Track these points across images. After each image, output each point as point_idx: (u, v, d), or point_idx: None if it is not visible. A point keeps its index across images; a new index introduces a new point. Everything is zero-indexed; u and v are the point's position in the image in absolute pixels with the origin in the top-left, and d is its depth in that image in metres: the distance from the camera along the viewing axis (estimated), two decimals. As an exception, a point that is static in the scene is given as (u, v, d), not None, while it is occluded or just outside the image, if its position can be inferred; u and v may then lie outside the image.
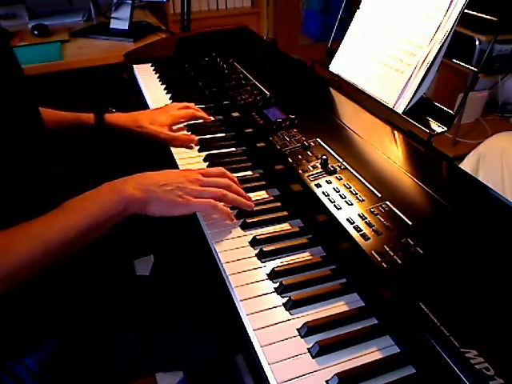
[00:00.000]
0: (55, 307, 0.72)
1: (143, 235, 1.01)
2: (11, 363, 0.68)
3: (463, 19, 0.81)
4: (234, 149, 0.95)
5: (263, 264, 0.65)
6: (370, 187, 0.69)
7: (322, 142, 0.82)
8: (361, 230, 0.61)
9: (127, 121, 0.99)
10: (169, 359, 0.80)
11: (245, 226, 0.72)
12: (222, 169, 0.77)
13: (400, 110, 0.88)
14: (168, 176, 0.71)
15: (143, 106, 1.18)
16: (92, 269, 0.81)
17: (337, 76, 1.06)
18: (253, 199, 0.77)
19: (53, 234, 0.60)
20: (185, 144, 0.96)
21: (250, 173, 0.87)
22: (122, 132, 0.99)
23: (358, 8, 1.04)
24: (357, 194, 0.68)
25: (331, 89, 1.07)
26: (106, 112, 1.00)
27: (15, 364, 0.68)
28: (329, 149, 0.80)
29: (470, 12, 0.81)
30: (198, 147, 0.95)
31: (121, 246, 0.94)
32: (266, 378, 0.50)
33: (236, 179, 0.77)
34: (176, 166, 0.89)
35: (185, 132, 1.02)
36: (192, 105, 1.08)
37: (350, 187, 0.70)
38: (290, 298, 0.58)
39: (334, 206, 0.67)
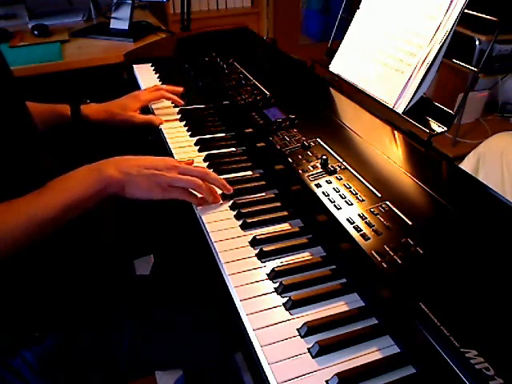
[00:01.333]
0: (55, 304, 0.72)
1: (143, 235, 1.01)
2: (9, 357, 0.68)
3: (463, 19, 0.81)
4: (233, 149, 0.95)
5: (263, 264, 0.65)
6: (370, 187, 0.69)
7: (321, 142, 0.82)
8: (361, 230, 0.61)
9: (100, 112, 1.02)
10: (169, 359, 0.80)
11: (245, 226, 0.72)
12: (201, 168, 0.80)
13: (400, 110, 0.88)
14: (147, 160, 0.73)
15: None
16: (92, 268, 0.81)
17: (337, 76, 1.06)
18: (252, 199, 0.78)
19: (37, 210, 0.63)
20: (156, 124, 1.04)
21: (249, 173, 0.87)
22: (96, 123, 1.02)
23: (358, 8, 1.04)
24: (357, 194, 0.68)
25: (331, 89, 1.07)
26: (81, 103, 1.02)
27: (13, 358, 0.68)
28: (329, 149, 0.80)
29: (470, 12, 0.81)
30: (197, 147, 0.95)
31: (121, 246, 0.94)
32: (266, 377, 0.50)
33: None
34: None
35: (159, 112, 1.09)
36: (163, 86, 1.13)
37: (350, 187, 0.70)
38: (290, 298, 0.58)
39: (334, 206, 0.67)
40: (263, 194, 0.80)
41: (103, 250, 0.87)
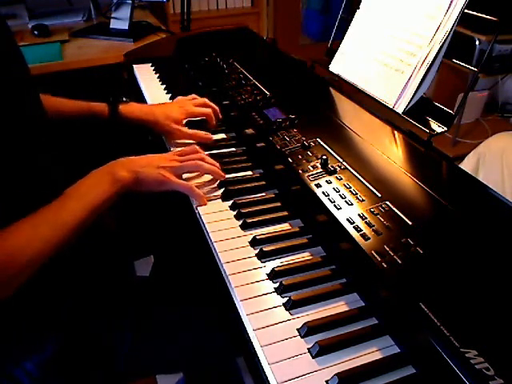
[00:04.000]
0: (55, 305, 0.72)
1: (143, 235, 1.01)
2: (11, 367, 0.68)
3: (463, 19, 0.81)
4: (233, 149, 0.95)
5: (263, 264, 0.65)
6: (370, 187, 0.69)
7: (321, 142, 0.82)
8: (361, 230, 0.61)
9: (141, 114, 0.97)
10: (169, 360, 0.80)
11: (245, 226, 0.72)
12: (194, 146, 0.86)
13: (400, 110, 0.88)
14: (149, 158, 0.78)
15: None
16: (92, 270, 0.81)
17: (337, 76, 1.06)
18: (253, 199, 0.78)
19: (67, 217, 0.66)
20: (203, 142, 0.95)
21: (250, 173, 0.87)
22: (135, 124, 0.97)
23: (358, 8, 1.04)
24: (357, 194, 0.68)
25: (331, 89, 1.07)
26: (120, 102, 0.98)
27: (15, 368, 0.68)
28: (329, 149, 0.80)
29: (470, 12, 0.81)
30: (197, 147, 0.95)
31: (121, 247, 0.94)
32: (266, 378, 0.50)
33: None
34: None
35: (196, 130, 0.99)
36: (211, 104, 1.03)
37: (350, 187, 0.70)
38: (290, 297, 0.58)
39: (334, 206, 0.67)
40: (263, 194, 0.80)
41: (103, 251, 0.87)
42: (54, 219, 0.64)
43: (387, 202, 0.66)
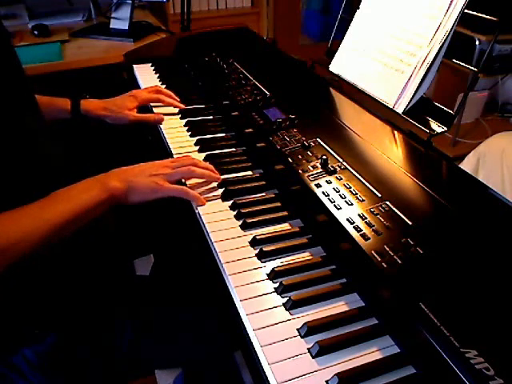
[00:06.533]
0: (55, 304, 0.72)
1: (143, 235, 1.01)
2: (10, 354, 0.68)
3: (463, 19, 0.81)
4: (233, 149, 0.95)
5: (263, 264, 0.65)
6: (370, 187, 0.69)
7: (322, 142, 0.82)
8: (361, 230, 0.61)
9: (98, 108, 1.04)
10: (168, 359, 0.80)
11: (245, 226, 0.72)
12: (188, 155, 0.88)
13: (400, 110, 0.88)
14: (141, 167, 0.78)
15: (143, 106, 1.18)
16: (92, 268, 0.81)
17: (337, 76, 1.06)
18: (253, 199, 0.78)
19: (51, 216, 0.65)
20: (155, 123, 1.06)
21: (249, 173, 0.87)
22: (94, 119, 1.04)
23: (358, 8, 1.04)
24: (357, 193, 0.68)
25: (331, 89, 1.07)
26: (81, 98, 1.03)
27: (14, 355, 0.68)
28: (329, 149, 0.80)
29: (470, 12, 0.81)
30: (197, 147, 0.95)
31: (121, 246, 0.94)
32: (266, 377, 0.50)
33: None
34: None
35: (159, 111, 1.10)
36: (162, 89, 1.13)
37: (350, 187, 0.70)
38: (290, 298, 0.58)
39: (334, 206, 0.67)
40: (263, 194, 0.80)
41: (103, 250, 0.87)
42: (36, 214, 0.64)
43: (387, 202, 0.66)
